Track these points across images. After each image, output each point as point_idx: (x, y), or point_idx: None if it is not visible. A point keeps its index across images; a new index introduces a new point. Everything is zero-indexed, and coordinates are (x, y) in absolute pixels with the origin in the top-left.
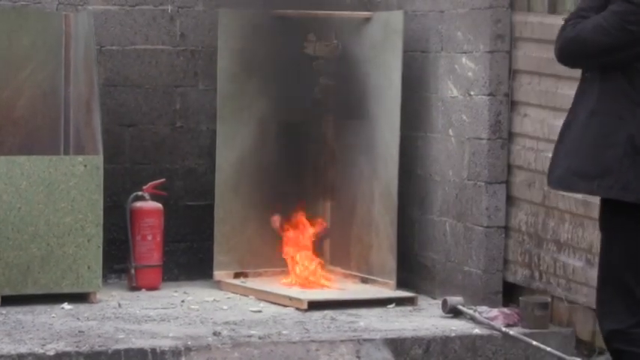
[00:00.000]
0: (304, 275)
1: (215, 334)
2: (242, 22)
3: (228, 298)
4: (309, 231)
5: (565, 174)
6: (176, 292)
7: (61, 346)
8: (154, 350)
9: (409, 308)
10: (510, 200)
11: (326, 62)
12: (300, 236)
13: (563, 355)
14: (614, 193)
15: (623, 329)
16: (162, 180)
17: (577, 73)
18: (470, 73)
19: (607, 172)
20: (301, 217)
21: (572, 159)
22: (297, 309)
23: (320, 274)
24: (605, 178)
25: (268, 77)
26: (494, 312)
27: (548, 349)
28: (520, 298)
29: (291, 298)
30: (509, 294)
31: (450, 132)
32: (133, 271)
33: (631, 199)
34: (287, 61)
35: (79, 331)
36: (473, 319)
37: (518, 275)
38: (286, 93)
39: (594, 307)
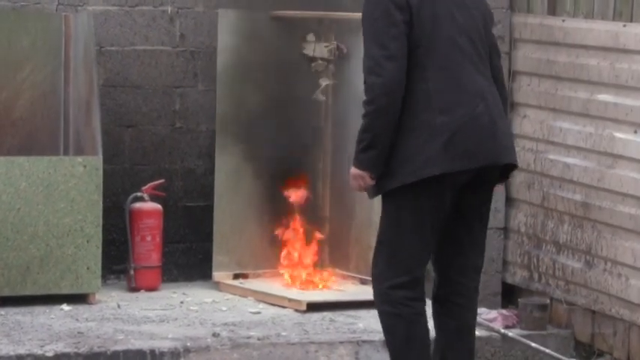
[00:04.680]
0: (303, 277)
1: (214, 335)
2: (242, 22)
3: (227, 299)
4: (310, 233)
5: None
6: (175, 293)
7: (60, 347)
8: (152, 351)
9: None
10: (509, 201)
11: (325, 63)
12: (299, 239)
13: (561, 357)
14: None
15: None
16: (162, 181)
17: (578, 75)
18: None
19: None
20: (301, 220)
21: None
22: (296, 310)
23: (319, 276)
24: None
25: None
26: (493, 313)
27: (547, 350)
28: (519, 299)
29: (290, 300)
30: (508, 295)
31: None
32: (132, 272)
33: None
34: (286, 61)
35: (78, 332)
36: None
37: (517, 276)
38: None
39: (593, 308)
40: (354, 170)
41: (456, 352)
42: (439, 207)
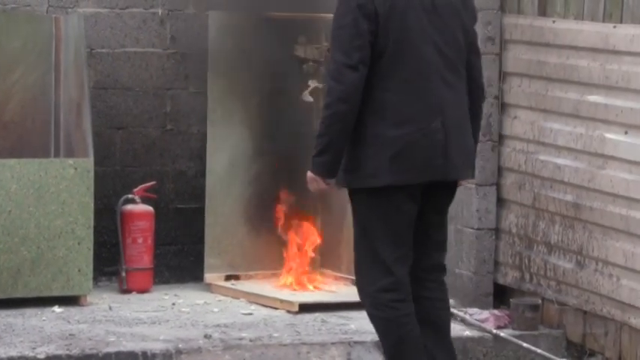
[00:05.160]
0: (297, 278)
1: (206, 336)
2: (232, 24)
3: (219, 300)
4: (307, 236)
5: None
6: (167, 294)
7: (52, 350)
8: (144, 353)
9: None
10: (501, 202)
11: (316, 65)
12: (295, 240)
13: (553, 357)
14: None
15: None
16: (153, 183)
17: (568, 76)
18: None
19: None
20: (296, 221)
21: None
22: (288, 311)
23: (313, 278)
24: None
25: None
26: (485, 314)
27: (539, 350)
28: (511, 300)
29: (282, 301)
30: (500, 296)
31: None
32: (123, 273)
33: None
34: (276, 63)
35: (70, 334)
36: (464, 321)
37: (508, 277)
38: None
39: (585, 308)
40: (309, 173)
41: (438, 346)
42: (399, 212)
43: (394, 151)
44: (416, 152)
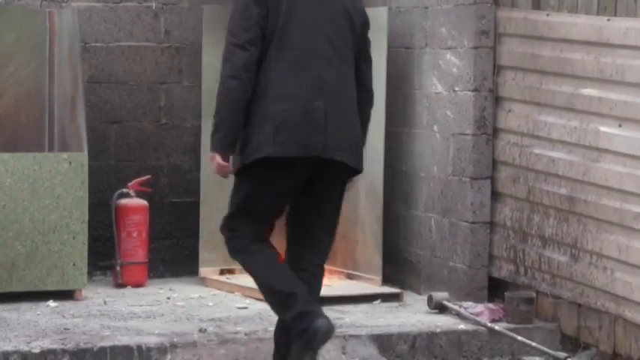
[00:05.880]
0: None
1: (201, 330)
2: (227, 18)
3: (214, 294)
4: None
5: None
6: (162, 289)
7: (47, 344)
8: (139, 347)
9: (395, 304)
10: (495, 196)
11: None
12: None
13: (548, 350)
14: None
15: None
16: (148, 177)
17: (562, 69)
18: (454, 69)
19: None
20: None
21: None
22: None
23: None
24: None
25: None
26: (480, 307)
27: (534, 344)
28: (505, 293)
29: None
30: (495, 289)
31: (435, 128)
32: (118, 268)
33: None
34: None
35: (65, 329)
36: (458, 314)
37: (503, 271)
38: None
39: (579, 301)
40: (210, 152)
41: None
42: (276, 187)
43: (275, 125)
44: (295, 127)
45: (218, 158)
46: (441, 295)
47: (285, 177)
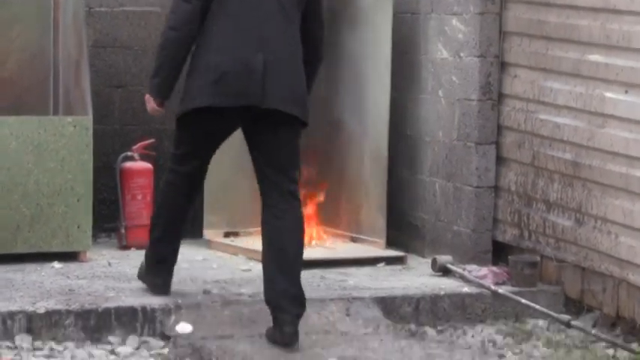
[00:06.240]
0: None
1: (205, 292)
2: None
3: (218, 257)
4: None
5: None
6: None
7: (52, 304)
8: (144, 308)
9: (399, 267)
10: (500, 161)
11: None
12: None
13: (551, 313)
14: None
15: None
16: (152, 140)
17: (569, 35)
18: (460, 35)
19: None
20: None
21: None
22: None
23: (316, 235)
24: None
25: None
26: (484, 271)
27: (537, 307)
28: (509, 257)
29: None
30: (499, 253)
31: (440, 93)
32: (122, 230)
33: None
34: None
35: (69, 290)
36: (462, 277)
37: (507, 234)
38: None
39: (583, 265)
40: (147, 95)
41: (282, 274)
42: (215, 134)
43: (215, 76)
44: (235, 78)
45: (152, 102)
46: (445, 258)
47: (222, 125)
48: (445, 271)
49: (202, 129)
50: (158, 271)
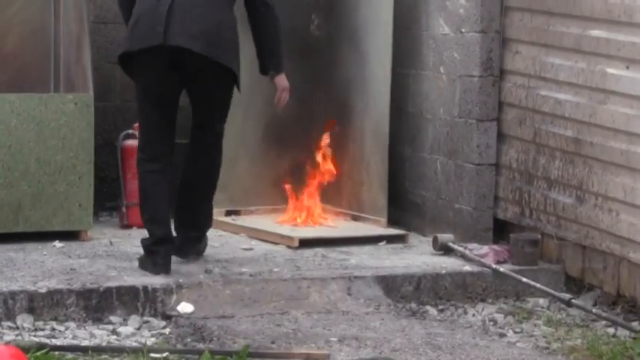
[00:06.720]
0: (302, 214)
1: (206, 271)
2: None
3: (220, 235)
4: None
5: None
6: None
7: (53, 284)
8: (145, 288)
9: (400, 246)
10: (501, 138)
11: None
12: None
13: (552, 292)
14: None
15: None
16: None
17: (570, 10)
18: (461, 10)
19: None
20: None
21: None
22: (289, 247)
23: (318, 213)
24: None
25: None
26: (485, 249)
27: (538, 285)
28: (510, 235)
29: (282, 236)
30: (500, 231)
31: (441, 69)
32: (124, 209)
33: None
34: None
35: (71, 269)
36: (463, 256)
37: (508, 212)
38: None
39: (584, 243)
40: None
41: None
42: (150, 84)
43: (132, 22)
44: (142, 22)
45: None
46: (446, 237)
47: (146, 71)
48: (446, 250)
49: (142, 84)
50: (157, 252)
